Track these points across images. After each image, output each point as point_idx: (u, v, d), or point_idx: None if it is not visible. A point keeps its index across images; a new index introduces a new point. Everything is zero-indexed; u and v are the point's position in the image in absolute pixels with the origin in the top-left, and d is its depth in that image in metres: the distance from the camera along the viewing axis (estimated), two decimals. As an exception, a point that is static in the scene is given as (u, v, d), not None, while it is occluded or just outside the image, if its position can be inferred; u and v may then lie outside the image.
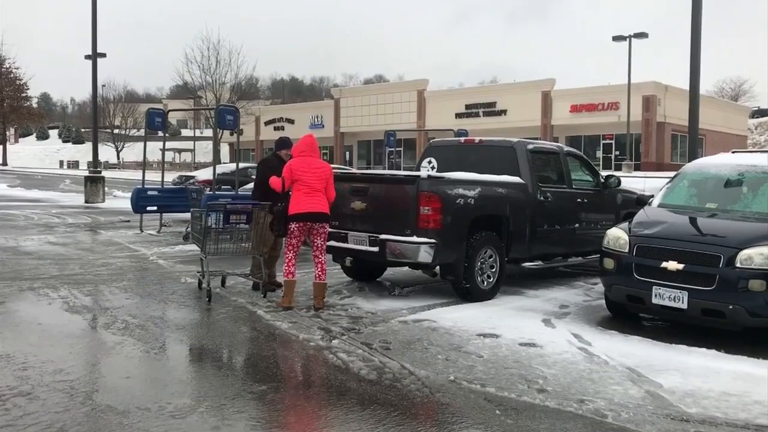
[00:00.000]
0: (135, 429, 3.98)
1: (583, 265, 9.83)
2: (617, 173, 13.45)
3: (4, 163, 73.36)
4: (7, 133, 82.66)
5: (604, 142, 46.81)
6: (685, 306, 6.21)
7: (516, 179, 8.43)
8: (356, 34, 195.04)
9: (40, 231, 14.36)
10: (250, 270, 8.43)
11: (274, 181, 7.51)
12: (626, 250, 6.73)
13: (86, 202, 23.69)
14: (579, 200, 9.31)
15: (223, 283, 8.44)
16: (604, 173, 10.52)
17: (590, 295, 8.42)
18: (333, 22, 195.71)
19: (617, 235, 6.96)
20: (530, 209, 8.46)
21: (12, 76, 76.87)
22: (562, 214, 9.00)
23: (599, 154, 46.12)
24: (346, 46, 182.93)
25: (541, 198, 8.61)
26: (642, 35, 40.26)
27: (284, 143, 8.43)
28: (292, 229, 7.35)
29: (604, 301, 7.43)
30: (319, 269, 7.38)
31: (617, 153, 45.56)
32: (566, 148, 9.96)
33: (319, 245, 7.41)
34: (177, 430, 4.01)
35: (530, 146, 8.92)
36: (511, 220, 8.24)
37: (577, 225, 9.22)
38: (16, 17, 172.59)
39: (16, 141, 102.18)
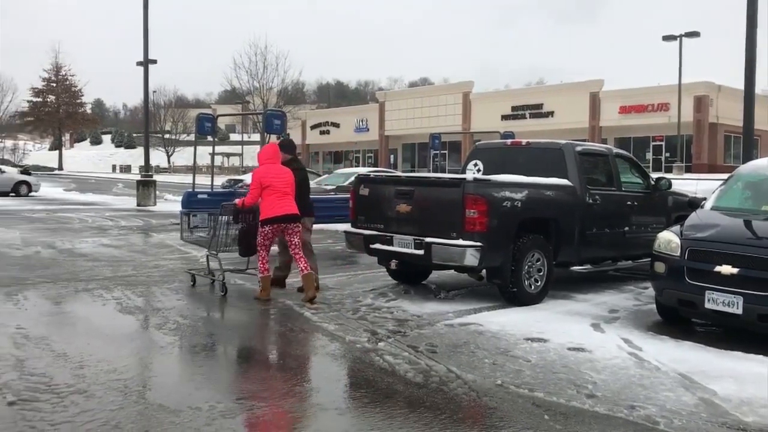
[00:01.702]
0: (186, 428, 4.06)
1: (633, 269, 9.66)
2: (668, 175, 13.17)
3: (60, 168, 75.69)
4: (63, 138, 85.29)
5: (654, 143, 45.88)
6: (740, 311, 6.04)
7: (564, 182, 8.33)
8: (401, 37, 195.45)
9: (94, 233, 14.77)
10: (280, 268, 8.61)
11: (243, 202, 7.89)
12: (678, 254, 6.59)
13: (138, 205, 24.25)
14: (629, 203, 9.15)
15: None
16: (654, 175, 10.32)
17: (640, 300, 8.26)
18: (378, 26, 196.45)
19: (669, 239, 6.81)
20: (579, 212, 8.34)
21: (68, 83, 79.40)
22: (611, 217, 8.85)
23: (649, 156, 45.22)
24: (391, 49, 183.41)
25: (590, 201, 8.48)
26: (694, 34, 39.33)
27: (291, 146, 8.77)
28: (266, 232, 7.80)
29: (654, 306, 7.28)
30: (302, 263, 7.72)
31: (667, 155, 44.59)
32: (615, 150, 9.80)
33: (296, 243, 7.83)
34: (227, 430, 4.08)
35: (579, 148, 8.80)
36: (559, 223, 8.14)
37: (626, 228, 9.05)
38: (72, 26, 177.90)
39: (71, 146, 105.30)
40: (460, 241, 7.33)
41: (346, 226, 8.90)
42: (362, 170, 19.62)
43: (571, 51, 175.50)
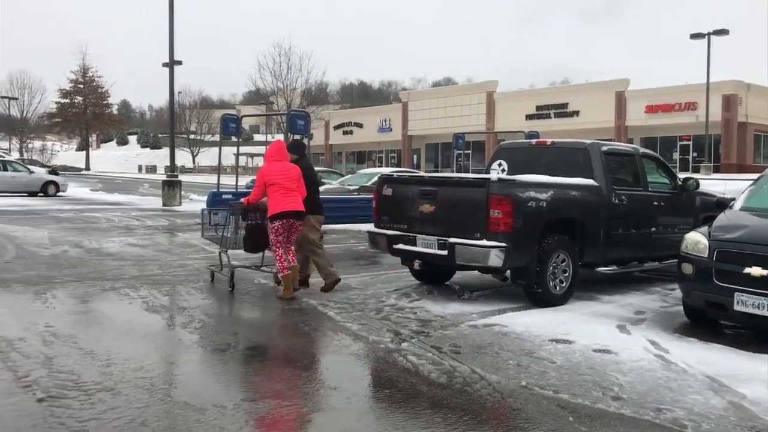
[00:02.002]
0: (211, 426, 4.09)
1: (659, 270, 9.55)
2: (695, 175, 13.00)
3: (87, 168, 76.79)
4: (89, 138, 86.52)
5: (681, 143, 45.32)
6: (770, 314, 5.94)
7: (590, 182, 8.25)
8: (424, 37, 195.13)
9: (121, 233, 14.95)
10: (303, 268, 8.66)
11: (248, 200, 8.15)
12: (706, 255, 6.49)
13: (164, 205, 24.50)
14: (655, 203, 9.04)
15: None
16: (681, 175, 10.19)
17: (667, 301, 8.16)
18: (401, 26, 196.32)
19: (696, 239, 6.72)
20: (605, 212, 8.26)
21: (95, 84, 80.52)
22: (637, 217, 8.75)
23: (676, 155, 44.69)
24: (414, 49, 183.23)
25: (616, 201, 8.40)
26: (722, 32, 38.79)
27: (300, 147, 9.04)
28: (276, 227, 7.89)
29: (681, 308, 7.19)
30: (290, 255, 8.00)
31: (695, 155, 44.01)
32: (642, 150, 9.69)
33: (292, 240, 8.08)
34: (251, 429, 4.10)
35: (604, 148, 8.71)
36: (584, 224, 8.07)
37: (653, 229, 8.95)
38: (99, 28, 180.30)
39: (98, 146, 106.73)
40: (484, 242, 7.29)
41: (369, 226, 8.90)
42: (385, 170, 19.63)
43: (596, 50, 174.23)
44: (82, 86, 79.58)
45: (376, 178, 10.64)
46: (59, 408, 4.30)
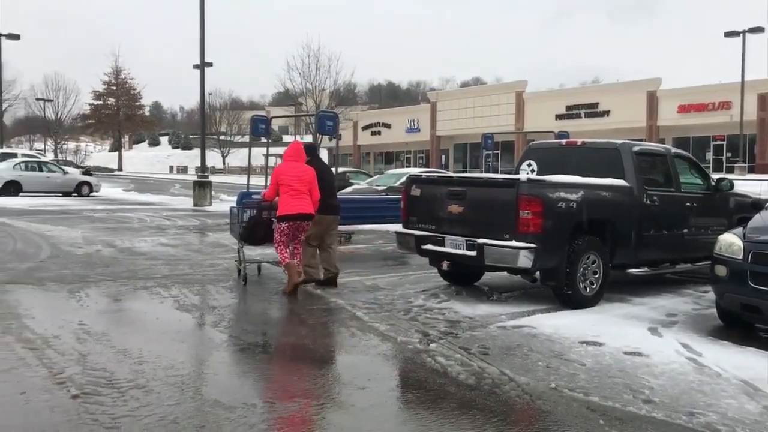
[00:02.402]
0: (240, 424, 4.12)
1: (692, 272, 9.40)
2: (729, 176, 12.78)
3: (120, 169, 77.94)
4: (122, 139, 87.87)
5: (715, 143, 44.56)
6: (807, 317, 5.82)
7: (621, 182, 8.16)
8: (453, 37, 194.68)
9: (153, 233, 15.14)
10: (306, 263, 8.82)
11: (264, 195, 8.52)
12: (740, 257, 6.38)
13: (194, 205, 24.77)
14: (688, 204, 8.91)
15: (258, 271, 9.47)
16: (715, 176, 10.03)
17: (700, 304, 8.04)
18: (430, 26, 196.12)
19: (730, 241, 6.61)
20: (636, 213, 8.16)
21: (127, 86, 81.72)
22: (669, 218, 8.63)
23: (709, 156, 43.95)
24: (443, 49, 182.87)
25: (648, 202, 8.29)
26: (757, 29, 38.08)
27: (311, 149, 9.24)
28: (282, 228, 8.15)
29: (715, 310, 7.07)
30: (298, 259, 8.30)
31: (729, 155, 43.23)
32: (674, 150, 9.56)
33: (300, 239, 8.34)
34: (280, 427, 4.12)
35: (636, 148, 8.61)
36: (615, 225, 7.99)
37: (685, 230, 8.82)
38: (130, 30, 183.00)
39: (130, 147, 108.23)
40: (514, 243, 7.25)
41: (397, 227, 8.91)
42: (413, 171, 19.61)
43: (627, 48, 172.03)
44: (114, 88, 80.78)
45: (404, 179, 10.63)
46: (93, 405, 4.37)
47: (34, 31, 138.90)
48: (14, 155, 33.03)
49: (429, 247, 8.15)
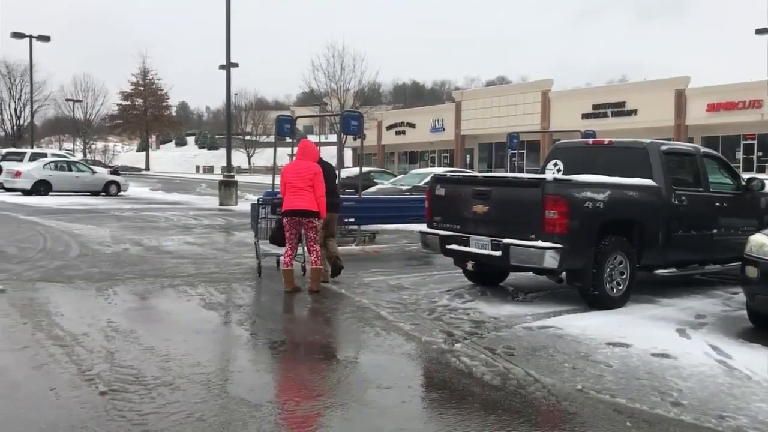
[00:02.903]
0: (265, 422, 4.15)
1: (721, 273, 9.26)
2: (760, 176, 12.57)
3: (147, 168, 78.85)
4: (149, 140, 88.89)
5: (745, 142, 43.80)
6: (840, 320, 5.69)
7: (649, 182, 8.06)
8: (478, 35, 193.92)
9: (179, 232, 15.29)
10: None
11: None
12: (772, 258, 6.26)
13: (220, 204, 24.96)
14: (717, 204, 8.77)
15: (277, 264, 9.50)
16: (745, 176, 9.87)
17: (730, 305, 7.91)
18: (454, 24, 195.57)
19: (761, 242, 6.49)
20: (664, 213, 8.06)
21: (154, 86, 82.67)
22: (698, 218, 8.51)
23: (739, 155, 43.19)
24: (468, 48, 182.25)
25: (676, 202, 8.18)
26: (789, 26, 37.32)
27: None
28: (285, 223, 8.32)
29: (745, 312, 6.95)
30: (314, 256, 8.32)
31: (760, 154, 42.48)
32: (703, 149, 9.43)
33: (311, 237, 8.33)
34: (305, 425, 4.14)
35: (664, 147, 8.50)
36: (643, 225, 7.89)
37: (715, 230, 8.69)
38: (158, 31, 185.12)
39: (158, 147, 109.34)
40: (540, 243, 7.20)
41: (422, 227, 8.89)
42: (438, 170, 19.57)
43: (654, 47, 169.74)
44: (142, 89, 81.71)
45: (428, 178, 10.62)
46: (120, 401, 4.42)
47: (63, 32, 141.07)
48: (44, 155, 33.52)
49: (454, 247, 8.12)
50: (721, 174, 9.28)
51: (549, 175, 7.96)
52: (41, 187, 27.95)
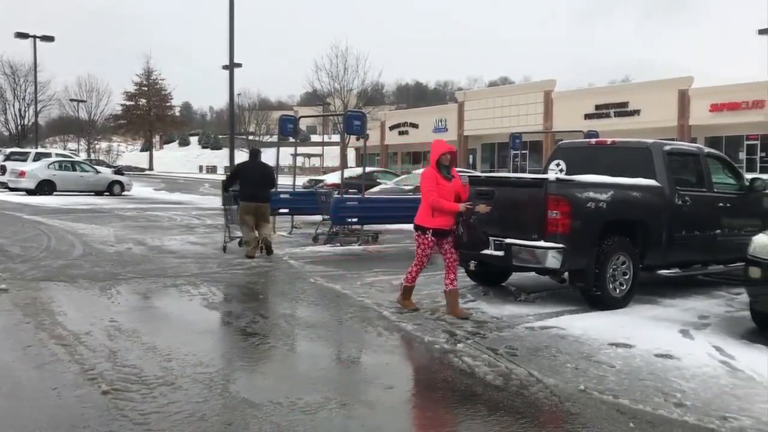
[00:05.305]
0: (267, 422, 4.14)
1: (724, 274, 9.24)
2: (764, 176, 12.53)
3: (150, 168, 78.97)
4: (153, 140, 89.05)
5: (748, 143, 43.68)
6: (844, 320, 5.67)
7: (652, 182, 8.05)
8: (480, 36, 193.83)
9: (182, 231, 15.31)
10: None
11: None
12: (775, 259, 6.25)
13: (223, 204, 24.93)
14: (721, 204, 8.75)
15: (239, 244, 11.75)
16: (748, 176, 9.85)
17: (733, 306, 7.89)
18: (457, 25, 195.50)
19: (765, 242, 6.47)
20: (667, 214, 8.04)
21: (158, 87, 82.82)
22: (701, 219, 8.49)
23: (742, 155, 43.06)
24: (470, 48, 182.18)
25: (679, 202, 8.17)
26: (792, 27, 37.21)
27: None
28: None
29: (748, 313, 6.93)
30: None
31: (763, 154, 42.35)
32: (706, 150, 9.41)
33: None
34: (306, 426, 4.14)
35: (667, 147, 8.49)
36: (646, 225, 7.88)
37: (718, 231, 8.67)
38: (161, 32, 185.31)
39: (161, 147, 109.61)
40: (542, 243, 7.19)
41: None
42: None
43: (656, 48, 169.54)
44: (146, 89, 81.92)
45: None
46: (122, 401, 4.42)
47: (68, 32, 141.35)
48: (48, 155, 33.62)
49: (456, 246, 8.09)
50: (725, 174, 9.26)
51: (551, 175, 7.95)
52: (45, 187, 28.00)
